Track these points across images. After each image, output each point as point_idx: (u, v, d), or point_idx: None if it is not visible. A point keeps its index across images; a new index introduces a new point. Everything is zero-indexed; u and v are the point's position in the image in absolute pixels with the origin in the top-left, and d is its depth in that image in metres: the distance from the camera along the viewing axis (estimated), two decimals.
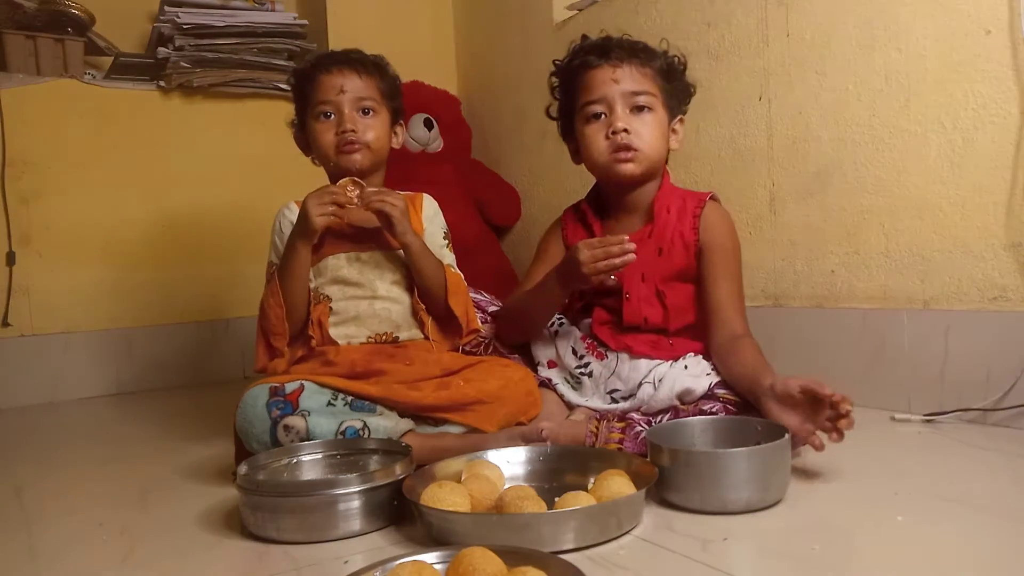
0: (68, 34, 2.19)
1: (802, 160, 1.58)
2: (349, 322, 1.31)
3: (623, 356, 1.28)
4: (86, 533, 1.02)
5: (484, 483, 0.95)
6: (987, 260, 1.31)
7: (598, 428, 1.17)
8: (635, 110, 1.27)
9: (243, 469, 1.00)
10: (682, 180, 1.72)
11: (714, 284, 1.28)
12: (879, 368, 1.43)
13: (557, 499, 0.90)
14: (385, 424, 1.15)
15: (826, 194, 1.54)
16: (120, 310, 2.23)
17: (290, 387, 1.15)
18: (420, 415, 1.20)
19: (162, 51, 2.23)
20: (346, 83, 1.32)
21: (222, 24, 2.28)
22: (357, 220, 1.33)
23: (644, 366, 1.25)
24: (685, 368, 1.23)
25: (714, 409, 1.16)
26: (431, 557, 0.75)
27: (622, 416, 1.20)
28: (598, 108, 1.28)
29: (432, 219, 1.41)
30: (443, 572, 0.73)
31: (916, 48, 1.38)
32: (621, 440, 1.14)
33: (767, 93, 1.64)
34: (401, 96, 1.42)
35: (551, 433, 1.12)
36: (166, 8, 2.26)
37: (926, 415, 1.33)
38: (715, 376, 1.22)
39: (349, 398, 1.17)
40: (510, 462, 1.05)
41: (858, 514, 0.91)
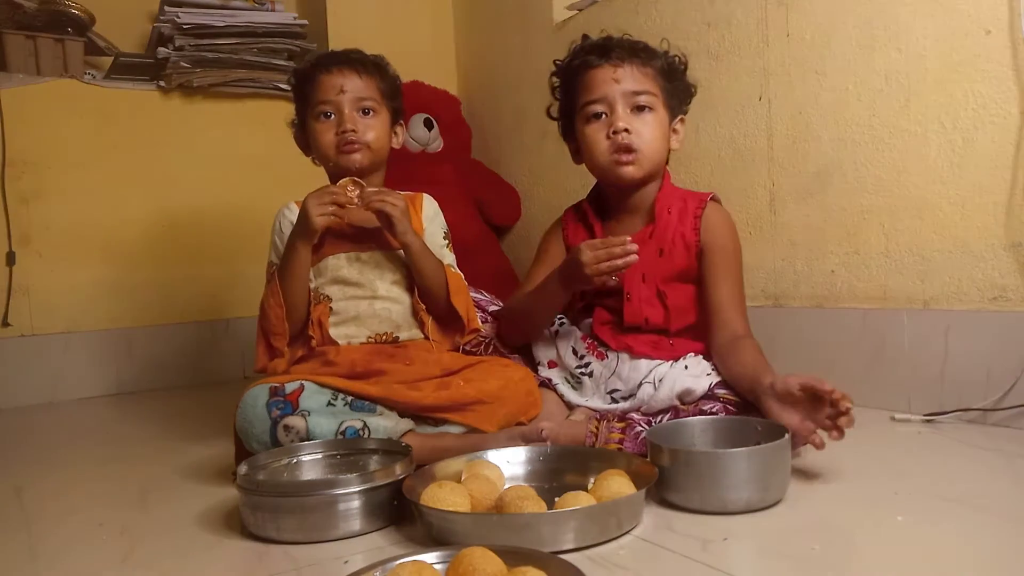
0: (68, 34, 2.19)
1: (802, 160, 1.58)
2: (349, 322, 1.31)
3: (623, 356, 1.28)
4: (86, 533, 1.02)
5: (484, 483, 0.95)
6: (987, 260, 1.31)
7: (598, 428, 1.17)
8: (636, 110, 1.27)
9: (243, 469, 1.00)
10: (682, 180, 1.72)
11: (715, 285, 1.28)
12: (879, 368, 1.43)
13: (557, 499, 0.89)
14: (385, 424, 1.15)
15: (826, 194, 1.54)
16: (120, 310, 2.23)
17: (290, 387, 1.15)
18: (420, 415, 1.20)
19: (162, 51, 2.23)
20: (346, 83, 1.32)
21: (222, 24, 2.28)
22: (357, 220, 1.33)
23: (644, 366, 1.25)
24: (685, 368, 1.23)
25: (714, 409, 1.16)
26: (431, 557, 0.75)
27: (622, 416, 1.20)
28: (599, 108, 1.28)
29: (432, 219, 1.41)
30: (443, 572, 0.73)
31: (916, 48, 1.38)
32: (621, 440, 1.14)
33: (767, 93, 1.64)
34: (401, 96, 1.42)
35: (551, 433, 1.12)
36: (166, 8, 2.26)
37: (926, 415, 1.33)
38: (715, 376, 1.22)
39: (349, 398, 1.17)
40: (510, 462, 1.05)
41: (858, 514, 0.91)
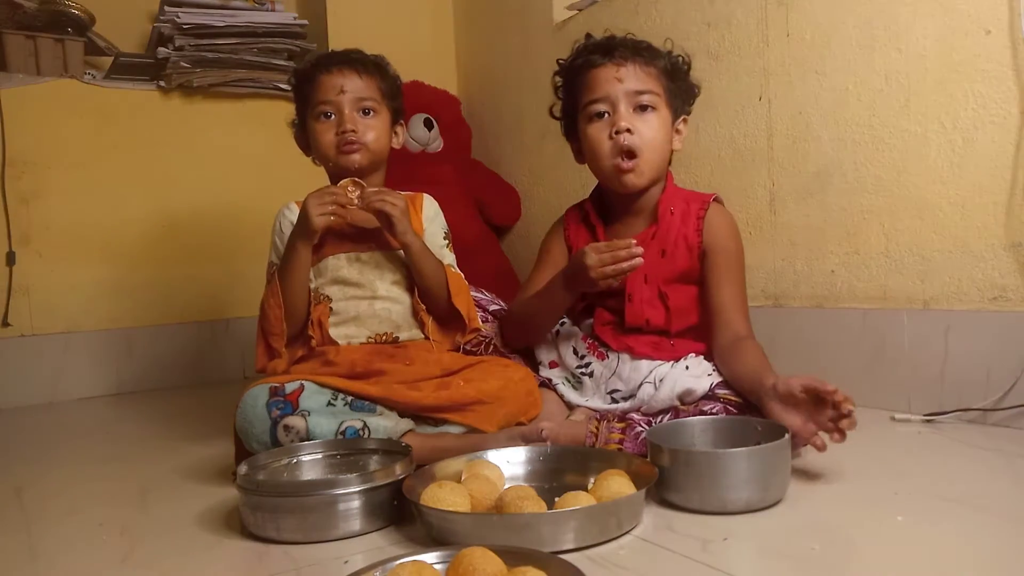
0: (68, 34, 2.19)
1: (802, 160, 1.58)
2: (349, 322, 1.31)
3: (624, 356, 1.28)
4: (86, 533, 1.02)
5: (484, 483, 0.95)
6: (987, 260, 1.31)
7: (598, 428, 1.17)
8: (638, 109, 1.26)
9: (243, 469, 1.00)
10: (682, 180, 1.71)
11: (717, 286, 1.28)
12: (879, 368, 1.43)
13: (557, 499, 0.89)
14: (385, 424, 1.15)
15: (826, 194, 1.54)
16: (120, 310, 2.23)
17: (290, 387, 1.15)
18: (420, 415, 1.20)
19: (162, 51, 2.23)
20: (346, 83, 1.32)
21: (222, 24, 2.28)
22: (357, 220, 1.33)
23: (645, 366, 1.25)
24: (686, 368, 1.23)
25: (714, 409, 1.16)
26: (431, 557, 0.75)
27: (622, 416, 1.20)
28: (601, 107, 1.27)
29: (432, 219, 1.41)
30: (443, 572, 0.73)
31: (916, 48, 1.38)
32: (621, 440, 1.14)
33: (767, 93, 1.64)
34: (401, 96, 1.42)
35: (551, 433, 1.11)
36: (166, 8, 2.26)
37: (926, 415, 1.33)
38: (716, 376, 1.22)
39: (349, 398, 1.17)
40: (510, 462, 1.05)
41: (858, 514, 0.91)
